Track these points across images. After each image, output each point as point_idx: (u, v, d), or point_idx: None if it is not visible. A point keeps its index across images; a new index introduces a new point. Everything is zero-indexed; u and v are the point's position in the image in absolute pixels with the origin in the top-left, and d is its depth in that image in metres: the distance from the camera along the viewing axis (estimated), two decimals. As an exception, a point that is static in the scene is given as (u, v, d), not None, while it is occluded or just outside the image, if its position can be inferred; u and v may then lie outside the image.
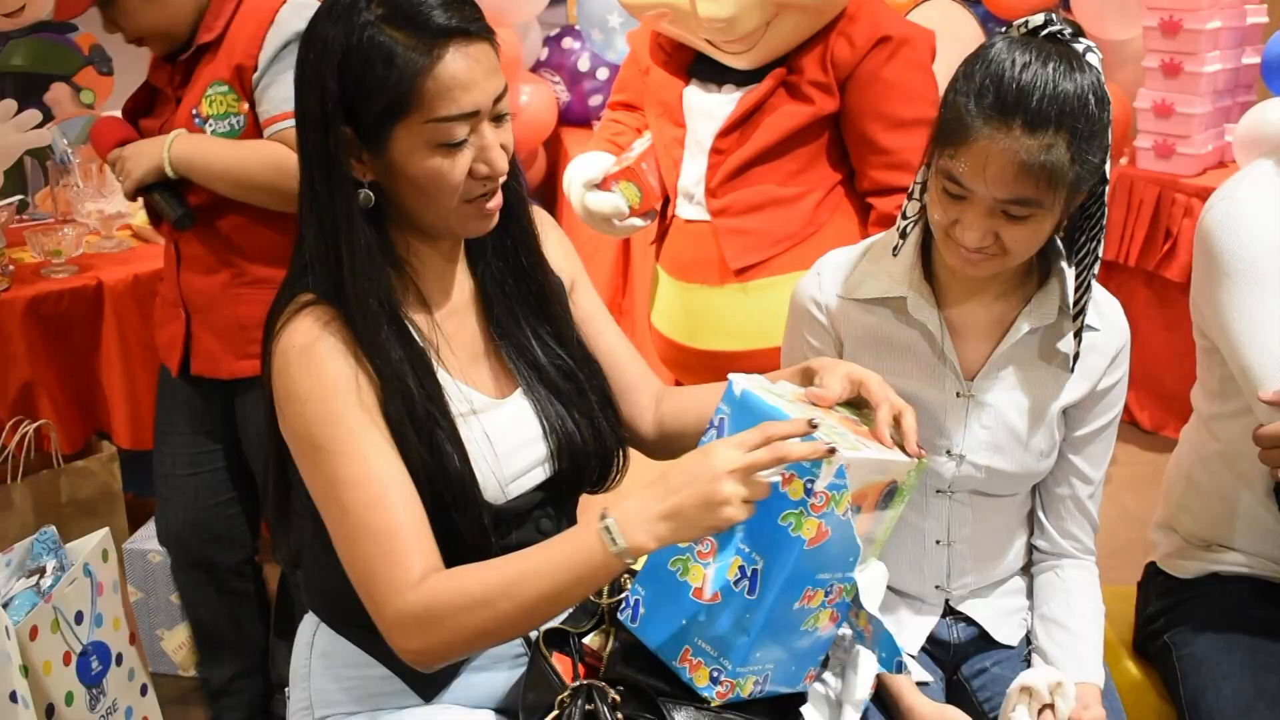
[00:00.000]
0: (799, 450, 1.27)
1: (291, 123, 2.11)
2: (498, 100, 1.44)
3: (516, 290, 1.61)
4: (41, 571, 2.20)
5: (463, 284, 1.60)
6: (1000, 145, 1.49)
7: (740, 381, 1.40)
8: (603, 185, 2.62)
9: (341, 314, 1.44)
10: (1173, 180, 4.17)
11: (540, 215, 1.70)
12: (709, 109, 2.49)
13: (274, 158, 2.24)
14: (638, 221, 2.65)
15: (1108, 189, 1.62)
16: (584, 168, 2.66)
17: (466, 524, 1.46)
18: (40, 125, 2.94)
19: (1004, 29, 1.62)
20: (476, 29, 1.42)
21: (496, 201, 1.49)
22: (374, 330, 1.43)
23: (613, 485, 1.69)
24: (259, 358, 1.51)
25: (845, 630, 1.50)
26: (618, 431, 1.65)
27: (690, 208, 2.53)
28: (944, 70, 1.94)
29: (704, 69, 2.53)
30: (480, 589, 1.34)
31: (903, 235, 1.72)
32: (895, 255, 1.73)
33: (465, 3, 1.44)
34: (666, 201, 2.61)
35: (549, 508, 1.60)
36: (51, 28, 4.36)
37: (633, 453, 1.73)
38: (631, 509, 1.30)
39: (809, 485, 1.31)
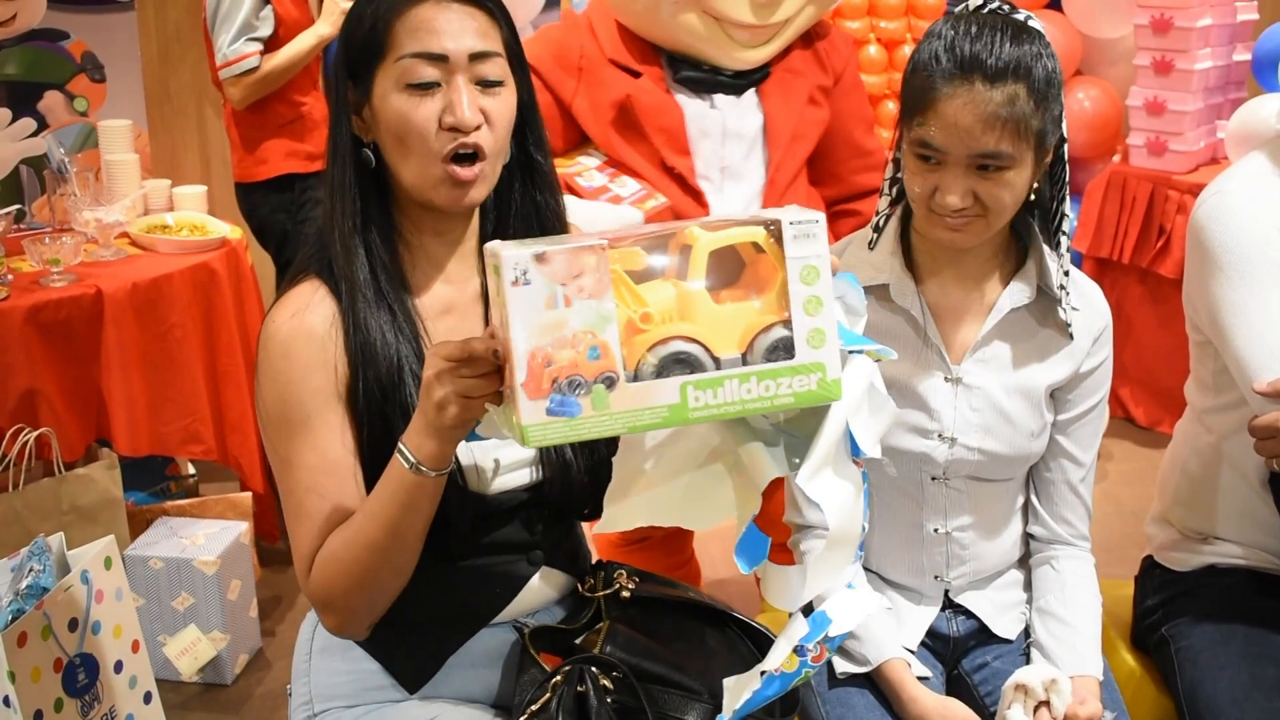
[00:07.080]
0: (479, 346, 1.23)
1: None
2: (476, 59, 1.46)
3: None
4: (32, 574, 2.21)
5: (472, 280, 1.59)
6: (965, 100, 1.58)
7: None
8: None
9: (331, 286, 1.49)
10: (1165, 177, 4.18)
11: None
12: (735, 128, 2.24)
13: None
14: None
15: (1066, 146, 1.70)
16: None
17: (447, 502, 1.45)
18: (35, 134, 2.95)
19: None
20: None
21: (471, 172, 1.47)
22: (355, 299, 1.47)
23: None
24: None
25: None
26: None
27: None
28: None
29: (688, 82, 2.27)
30: (342, 549, 1.43)
31: (877, 229, 1.77)
32: (872, 249, 1.77)
33: None
34: None
35: (538, 509, 1.59)
36: (43, 36, 4.37)
37: None
38: (410, 428, 1.36)
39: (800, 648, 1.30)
